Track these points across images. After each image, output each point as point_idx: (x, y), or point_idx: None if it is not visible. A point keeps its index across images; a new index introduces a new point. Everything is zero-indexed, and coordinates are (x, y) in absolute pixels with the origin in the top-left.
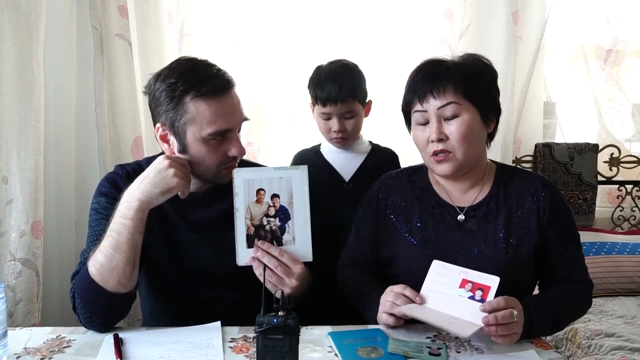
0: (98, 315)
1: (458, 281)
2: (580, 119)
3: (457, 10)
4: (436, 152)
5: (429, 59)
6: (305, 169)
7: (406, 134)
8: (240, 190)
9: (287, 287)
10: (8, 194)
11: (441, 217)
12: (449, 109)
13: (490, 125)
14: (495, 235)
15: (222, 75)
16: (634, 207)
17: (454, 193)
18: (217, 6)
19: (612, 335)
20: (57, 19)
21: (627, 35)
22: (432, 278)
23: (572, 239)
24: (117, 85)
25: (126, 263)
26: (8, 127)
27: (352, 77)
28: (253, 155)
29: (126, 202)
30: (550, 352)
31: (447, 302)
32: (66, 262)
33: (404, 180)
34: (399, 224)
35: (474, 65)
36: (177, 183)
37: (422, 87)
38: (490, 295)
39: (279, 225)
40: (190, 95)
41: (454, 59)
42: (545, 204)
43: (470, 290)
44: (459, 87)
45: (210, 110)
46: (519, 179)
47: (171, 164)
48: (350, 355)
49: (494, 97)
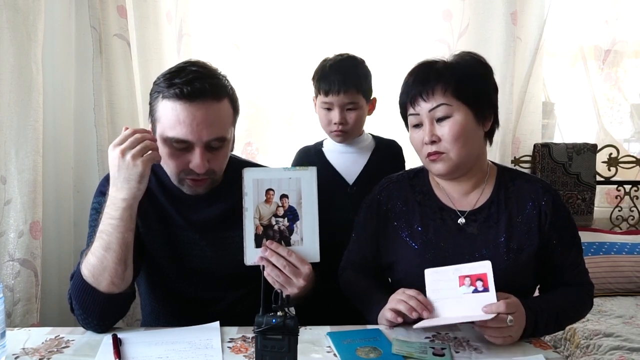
0: (94, 317)
1: (456, 281)
2: (578, 119)
3: (455, 10)
4: (430, 153)
5: (422, 62)
6: (314, 170)
7: (404, 134)
8: (250, 190)
9: (295, 287)
10: (6, 194)
11: (442, 221)
12: (439, 111)
13: (486, 123)
14: (496, 239)
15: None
16: (633, 207)
17: (454, 196)
18: (216, 6)
19: (610, 335)
20: (56, 19)
21: (626, 36)
22: (431, 287)
23: (573, 243)
24: (115, 85)
25: (118, 263)
26: (6, 127)
27: (357, 69)
28: (252, 155)
29: (112, 203)
30: (549, 352)
31: (457, 305)
32: (65, 263)
33: (404, 184)
34: (400, 229)
35: (465, 64)
36: (142, 164)
37: (413, 90)
38: (490, 281)
39: (287, 226)
40: (162, 94)
41: (446, 59)
42: (547, 208)
43: (470, 284)
44: (448, 88)
45: (173, 114)
46: (520, 182)
47: (123, 151)
48: (349, 355)
49: (488, 95)
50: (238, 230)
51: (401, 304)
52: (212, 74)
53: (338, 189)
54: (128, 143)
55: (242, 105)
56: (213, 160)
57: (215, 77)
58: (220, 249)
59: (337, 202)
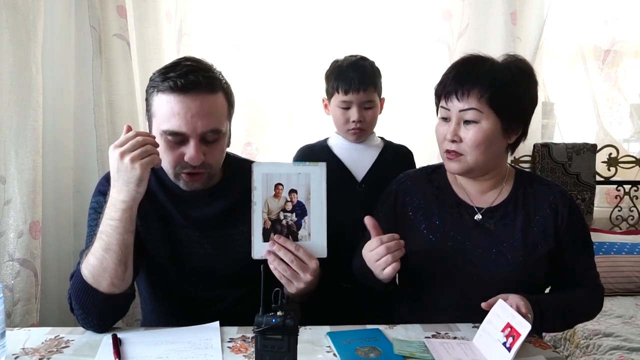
0: (94, 317)
1: (504, 324)
2: (578, 119)
3: (455, 10)
4: (448, 150)
5: (468, 56)
6: (324, 166)
7: (403, 134)
8: (259, 184)
9: (302, 282)
10: (6, 194)
11: (459, 215)
12: (469, 114)
13: (512, 136)
14: (512, 236)
15: (196, 75)
16: (632, 207)
17: (472, 193)
18: (216, 6)
19: (610, 335)
20: (56, 19)
21: (625, 36)
22: (489, 317)
23: (586, 247)
24: (115, 85)
25: (117, 264)
26: (6, 127)
27: (373, 68)
28: (252, 155)
29: (112, 205)
30: (549, 351)
31: (487, 344)
32: (64, 263)
33: (422, 180)
34: (417, 221)
35: (509, 73)
36: (141, 168)
37: (450, 86)
38: (517, 344)
39: (295, 221)
40: (157, 88)
41: (495, 60)
42: (564, 212)
43: (506, 335)
44: (484, 95)
45: (167, 106)
46: (538, 185)
47: (122, 153)
48: (348, 355)
49: (523, 108)
50: (239, 228)
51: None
52: (206, 68)
53: (346, 185)
54: (128, 145)
55: (242, 105)
56: (209, 153)
57: (210, 71)
58: (220, 247)
59: (346, 200)
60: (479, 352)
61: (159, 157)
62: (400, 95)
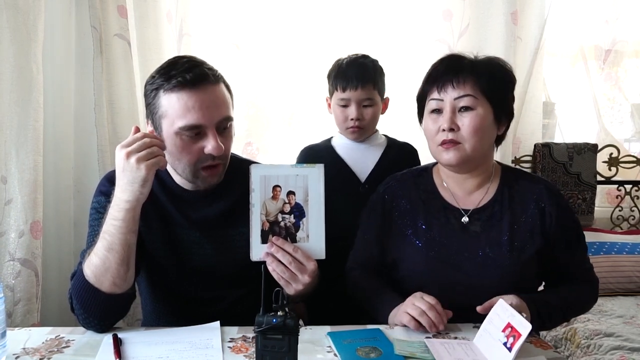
0: (95, 316)
1: (504, 324)
2: (579, 119)
3: (456, 10)
4: (445, 140)
5: (451, 54)
6: (322, 168)
7: (403, 134)
8: (257, 186)
9: (300, 283)
10: (7, 194)
11: (446, 220)
12: (464, 101)
13: (500, 127)
14: (499, 238)
15: (200, 69)
16: (633, 207)
17: (459, 194)
18: (216, 6)
19: (611, 335)
20: (56, 19)
21: (626, 36)
22: (490, 317)
23: (578, 243)
24: (116, 85)
25: (120, 264)
26: (7, 127)
27: (374, 66)
28: (252, 155)
29: (115, 205)
30: (550, 351)
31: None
32: (65, 262)
33: (409, 183)
34: (404, 226)
35: (497, 66)
36: (146, 169)
37: (443, 77)
38: (518, 344)
39: (293, 222)
40: (163, 88)
41: (477, 57)
42: (551, 209)
43: (507, 335)
44: (479, 82)
45: (180, 103)
46: (524, 182)
47: (128, 153)
48: (349, 355)
49: (509, 101)
50: (239, 229)
51: (423, 317)
52: (204, 62)
53: (349, 186)
54: (135, 146)
55: (243, 105)
56: (224, 143)
57: (207, 65)
58: (220, 247)
59: (349, 202)
60: (479, 352)
61: (164, 159)
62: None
